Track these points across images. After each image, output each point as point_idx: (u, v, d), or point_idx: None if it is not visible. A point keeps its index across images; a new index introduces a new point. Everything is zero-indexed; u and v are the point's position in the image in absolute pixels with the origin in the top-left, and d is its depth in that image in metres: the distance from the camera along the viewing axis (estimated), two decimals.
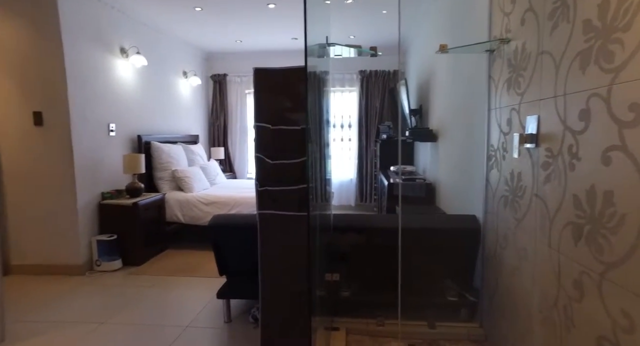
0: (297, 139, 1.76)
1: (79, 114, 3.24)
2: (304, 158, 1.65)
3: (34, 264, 3.26)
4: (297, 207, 1.66)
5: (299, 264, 1.66)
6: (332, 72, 4.67)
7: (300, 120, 1.78)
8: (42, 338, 2.22)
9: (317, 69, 2.02)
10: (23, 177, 3.22)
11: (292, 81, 1.77)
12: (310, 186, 1.64)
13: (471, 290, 2.24)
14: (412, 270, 1.89)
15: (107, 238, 3.32)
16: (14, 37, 3.10)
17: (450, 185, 2.99)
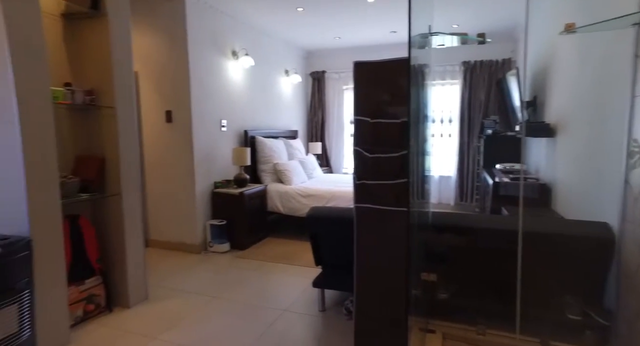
0: (396, 133, 1.72)
1: (197, 112, 3.67)
2: (404, 152, 1.61)
3: (165, 240, 3.82)
4: (395, 201, 1.63)
5: (396, 260, 1.64)
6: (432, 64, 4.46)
7: (399, 114, 1.74)
8: (172, 302, 2.60)
9: (418, 61, 1.94)
10: (157, 166, 3.78)
11: (392, 74, 1.74)
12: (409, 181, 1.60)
13: (600, 310, 1.93)
14: (524, 279, 1.71)
15: (218, 223, 3.72)
16: (155, 50, 3.65)
17: (572, 187, 2.61)
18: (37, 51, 1.94)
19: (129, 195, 2.52)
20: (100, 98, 2.46)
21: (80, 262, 2.35)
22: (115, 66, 2.42)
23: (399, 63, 1.66)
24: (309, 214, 2.45)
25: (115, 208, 2.49)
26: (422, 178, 2.29)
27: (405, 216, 1.59)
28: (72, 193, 2.27)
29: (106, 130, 2.47)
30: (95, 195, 2.44)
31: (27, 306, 1.84)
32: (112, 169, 2.48)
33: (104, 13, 2.37)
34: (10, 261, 1.76)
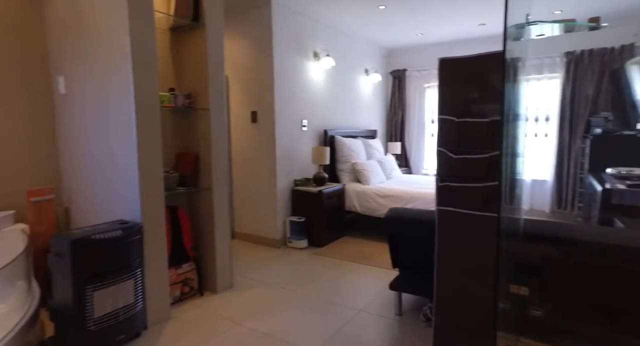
0: (484, 133, 1.61)
1: (280, 112, 3.84)
2: (494, 153, 1.49)
3: (248, 233, 4.09)
4: (482, 205, 1.52)
5: (482, 269, 1.53)
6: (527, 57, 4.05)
7: (488, 112, 1.62)
8: (254, 291, 2.78)
9: (512, 54, 1.79)
10: (243, 163, 4.06)
11: (481, 70, 1.62)
12: (500, 184, 1.48)
13: None
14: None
15: (297, 219, 3.85)
16: (243, 54, 3.92)
17: None
18: (151, 62, 2.22)
19: (219, 190, 2.74)
20: (197, 101, 2.71)
21: (178, 248, 2.62)
22: (210, 72, 2.65)
23: (490, 58, 1.54)
24: (387, 215, 2.41)
25: (206, 202, 2.73)
26: (512, 181, 2.11)
27: (494, 222, 1.47)
28: (172, 186, 2.55)
29: (201, 130, 2.72)
30: (191, 188, 2.70)
31: (139, 283, 2.12)
32: (205, 165, 2.72)
33: (202, 24, 2.61)
34: (128, 242, 2.04)
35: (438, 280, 1.67)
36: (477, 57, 1.60)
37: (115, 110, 2.25)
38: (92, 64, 2.36)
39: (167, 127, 2.71)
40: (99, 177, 2.42)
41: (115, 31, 2.18)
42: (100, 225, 2.09)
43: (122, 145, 2.25)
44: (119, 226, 2.06)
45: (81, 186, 2.56)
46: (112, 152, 2.32)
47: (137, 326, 2.12)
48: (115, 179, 2.32)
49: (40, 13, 2.60)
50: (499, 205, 1.44)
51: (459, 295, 1.61)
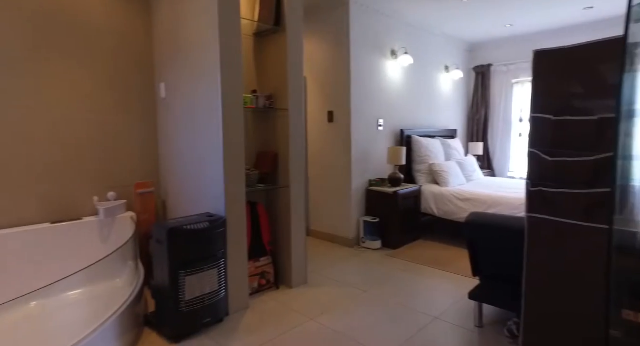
0: (590, 132, 1.42)
1: (356, 112, 3.84)
2: (604, 156, 1.32)
3: (322, 231, 4.17)
4: (585, 215, 1.35)
5: (584, 287, 1.35)
6: None
7: (595, 109, 1.43)
8: (327, 289, 2.82)
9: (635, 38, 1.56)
10: (319, 162, 4.14)
11: (587, 61, 1.44)
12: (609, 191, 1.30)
13: None
14: None
15: (371, 220, 3.82)
16: (321, 55, 4.00)
17: None
18: (236, 66, 2.38)
19: (296, 188, 2.83)
20: (277, 101, 2.83)
21: (257, 242, 2.77)
22: (289, 74, 2.75)
23: (600, 46, 1.36)
24: (468, 220, 2.26)
25: (284, 199, 2.84)
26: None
27: (602, 235, 1.30)
28: (253, 183, 2.70)
29: (280, 130, 2.84)
30: (270, 186, 2.83)
31: (223, 272, 2.29)
32: (283, 164, 2.83)
33: (283, 28, 2.72)
34: (214, 234, 2.22)
35: (527, 296, 1.52)
36: (582, 46, 1.42)
37: (205, 111, 2.46)
38: (186, 70, 2.60)
39: (249, 127, 2.88)
40: (190, 173, 2.66)
41: (206, 39, 2.37)
42: (190, 217, 2.29)
43: (209, 144, 2.45)
44: (206, 218, 2.24)
45: (175, 181, 2.85)
46: (201, 150, 2.53)
47: (220, 312, 2.29)
48: (203, 175, 2.53)
49: (149, 28, 2.94)
50: (612, 216, 1.27)
51: (555, 317, 1.45)
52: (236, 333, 2.23)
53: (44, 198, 2.50)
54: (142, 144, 2.95)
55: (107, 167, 2.77)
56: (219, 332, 2.23)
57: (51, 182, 2.52)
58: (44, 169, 2.49)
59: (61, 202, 2.57)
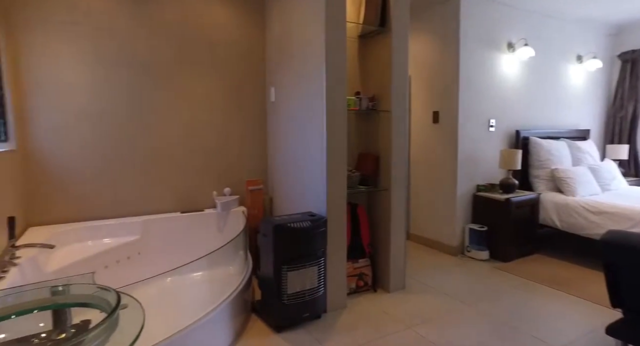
0: None
1: (464, 111, 3.58)
2: None
3: (423, 236, 4.01)
4: None
5: None
6: None
7: None
8: (426, 297, 2.71)
9: None
10: (421, 164, 3.99)
11: None
12: None
13: None
14: None
15: (478, 228, 3.52)
16: (426, 53, 3.84)
17: None
18: (341, 69, 2.43)
19: (397, 191, 2.77)
20: (380, 103, 2.81)
21: (356, 243, 2.80)
22: (393, 74, 2.70)
23: None
24: (606, 239, 1.92)
25: (384, 202, 2.80)
26: None
27: None
28: (353, 184, 2.73)
29: (382, 132, 2.80)
30: (371, 188, 2.82)
31: (322, 270, 2.37)
32: (384, 166, 2.80)
33: (388, 29, 2.68)
34: (315, 233, 2.31)
35: None
36: None
37: (309, 114, 2.57)
38: (294, 75, 2.75)
39: (351, 128, 2.92)
40: (294, 172, 2.82)
41: (312, 43, 2.47)
42: (294, 215, 2.43)
43: (313, 145, 2.55)
44: (309, 218, 2.34)
45: (281, 179, 3.04)
46: (305, 151, 2.65)
47: (318, 308, 2.38)
48: (307, 175, 2.65)
49: (263, 37, 3.20)
50: None
51: None
52: (333, 330, 2.28)
53: (176, 190, 2.92)
54: (254, 144, 3.23)
55: (224, 165, 3.10)
56: (316, 328, 2.31)
57: (182, 176, 2.93)
58: (177, 166, 2.91)
59: (189, 194, 2.97)
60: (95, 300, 0.97)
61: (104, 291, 0.98)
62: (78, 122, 2.57)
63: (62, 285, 1.03)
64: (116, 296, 0.94)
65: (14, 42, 2.37)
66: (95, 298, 0.98)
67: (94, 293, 0.99)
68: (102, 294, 0.98)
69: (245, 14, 3.10)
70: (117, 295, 0.94)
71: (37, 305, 0.97)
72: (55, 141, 2.51)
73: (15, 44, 2.37)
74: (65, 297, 1.01)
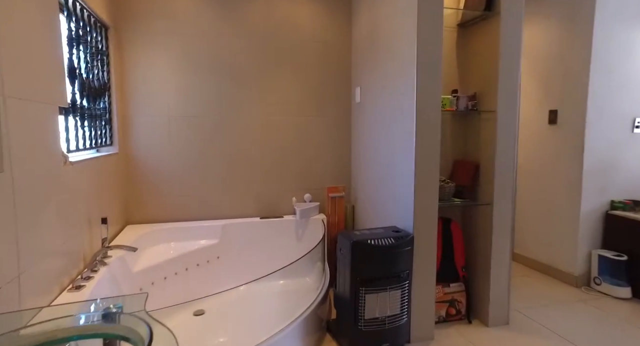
0: None
1: (596, 109, 2.87)
2: None
3: (531, 258, 3.37)
4: None
5: None
6: None
7: None
8: (539, 340, 2.20)
9: None
10: (532, 173, 3.35)
11: None
12: None
13: None
14: None
15: (614, 256, 2.79)
16: (542, 41, 3.20)
17: None
18: (435, 64, 2.09)
19: (501, 207, 2.31)
20: (482, 102, 2.37)
21: (448, 265, 2.41)
22: (502, 67, 2.24)
23: None
24: None
25: (484, 218, 2.36)
26: None
27: None
28: (447, 197, 2.35)
29: (484, 136, 2.36)
30: (468, 201, 2.40)
31: (406, 295, 2.07)
32: (486, 176, 2.35)
33: (496, 12, 2.24)
34: (399, 252, 2.02)
35: None
36: None
37: (397, 115, 2.27)
38: (381, 73, 2.48)
39: (446, 132, 2.53)
40: (379, 180, 2.54)
41: (403, 37, 2.17)
42: (375, 230, 2.16)
43: (401, 151, 2.25)
44: (392, 234, 2.06)
45: (364, 187, 2.80)
46: (391, 157, 2.37)
47: (400, 338, 2.08)
48: (392, 184, 2.36)
49: (349, 35, 3.00)
50: None
51: None
52: None
53: (257, 195, 2.89)
54: (336, 148, 3.04)
55: (305, 169, 2.98)
56: None
57: (263, 181, 2.89)
58: (258, 170, 2.88)
59: (269, 200, 2.92)
60: (132, 334, 0.86)
61: (139, 321, 0.87)
62: (169, 126, 2.69)
63: (114, 308, 0.96)
64: (149, 332, 0.81)
65: (121, 53, 2.57)
66: (132, 332, 0.87)
67: (131, 326, 0.88)
68: (137, 325, 0.87)
69: (331, 12, 2.93)
70: (150, 333, 0.81)
71: (81, 333, 0.90)
72: (149, 145, 2.66)
73: (121, 55, 2.57)
74: (114, 328, 0.92)
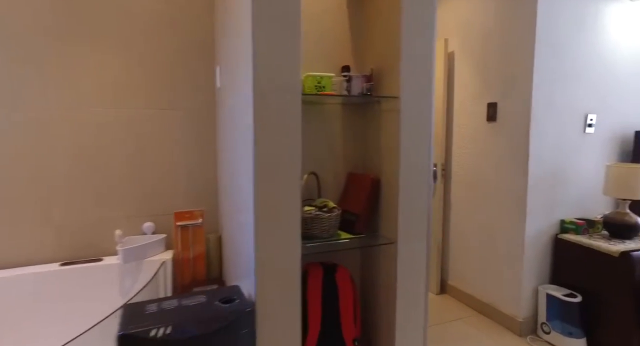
0: None
1: (542, 101, 2.17)
2: None
3: (466, 293, 2.64)
4: None
5: None
6: None
7: None
8: None
9: None
10: (471, 188, 2.62)
11: None
12: None
13: None
14: None
15: (564, 296, 2.09)
16: (476, 12, 2.47)
17: None
18: (290, 19, 1.22)
19: (410, 245, 1.50)
20: (381, 85, 1.56)
21: (331, 339, 1.55)
22: (404, 33, 1.43)
23: None
24: None
25: (388, 261, 1.54)
26: None
27: None
28: (329, 231, 1.50)
29: (385, 136, 1.55)
30: (362, 237, 1.57)
31: None
32: (388, 199, 1.54)
33: None
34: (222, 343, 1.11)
35: None
36: None
37: (241, 104, 1.39)
38: (229, 39, 1.60)
39: (334, 129, 1.70)
40: (232, 203, 1.65)
41: None
42: (194, 297, 1.26)
43: (241, 158, 1.37)
44: (215, 308, 1.17)
45: (227, 211, 1.89)
46: (234, 168, 1.49)
47: None
48: (237, 212, 1.48)
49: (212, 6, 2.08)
50: None
51: None
52: None
53: (60, 228, 1.87)
54: (195, 155, 2.11)
55: (147, 186, 2.01)
56: None
57: (71, 206, 1.88)
58: (64, 189, 1.87)
59: (81, 235, 1.91)
60: None
61: None
62: None
63: None
64: None
65: None
66: None
67: None
68: None
69: None
70: None
71: None
72: None
73: None
74: None
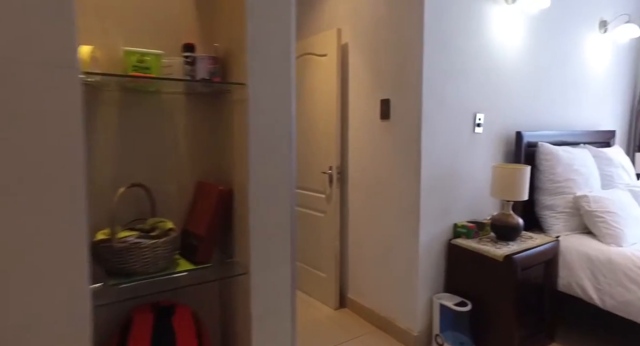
0: None
1: (433, 98, 2.04)
2: None
3: (365, 307, 2.44)
4: None
5: None
6: None
7: None
8: None
9: None
10: (368, 192, 2.42)
11: None
12: None
13: None
14: None
15: (456, 306, 1.98)
16: (370, 5, 2.28)
17: None
18: None
19: (266, 271, 1.19)
20: (230, 70, 1.23)
21: None
22: (250, 15, 1.12)
23: None
24: None
25: (240, 298, 1.22)
26: None
27: None
28: (156, 262, 1.13)
29: (238, 132, 1.22)
30: (207, 266, 1.22)
31: None
32: (241, 213, 1.21)
33: None
34: None
35: None
36: None
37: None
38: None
39: (176, 124, 1.33)
40: None
41: None
42: None
43: None
44: None
45: None
46: None
47: None
48: None
49: None
50: None
51: None
52: None
53: None
54: None
55: None
56: None
57: None
58: None
59: None
60: None
61: None
62: None
63: None
64: None
65: None
66: None
67: None
68: None
69: None
70: None
71: None
72: None
73: None
74: None
